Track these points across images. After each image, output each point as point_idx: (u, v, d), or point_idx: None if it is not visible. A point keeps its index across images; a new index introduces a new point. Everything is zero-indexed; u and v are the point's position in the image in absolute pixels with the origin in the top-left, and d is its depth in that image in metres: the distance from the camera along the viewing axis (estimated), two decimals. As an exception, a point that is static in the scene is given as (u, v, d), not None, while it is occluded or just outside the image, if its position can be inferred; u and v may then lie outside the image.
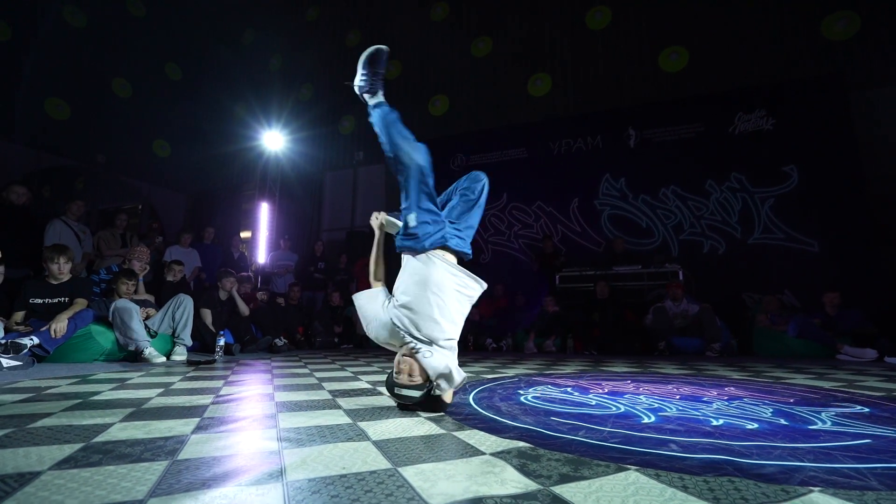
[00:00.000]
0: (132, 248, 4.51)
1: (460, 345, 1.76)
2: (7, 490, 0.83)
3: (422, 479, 0.93)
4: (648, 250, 6.79)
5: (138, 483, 0.88)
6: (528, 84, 8.13)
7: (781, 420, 1.52)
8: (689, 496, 0.84)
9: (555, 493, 0.86)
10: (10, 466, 0.96)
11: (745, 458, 1.07)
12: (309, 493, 0.84)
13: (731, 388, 2.33)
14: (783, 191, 6.19)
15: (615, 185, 7.27)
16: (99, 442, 1.18)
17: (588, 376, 2.86)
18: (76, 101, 8.06)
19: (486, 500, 0.82)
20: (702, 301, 5.37)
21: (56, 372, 2.72)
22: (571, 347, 5.42)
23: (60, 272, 3.51)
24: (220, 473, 0.95)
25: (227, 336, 4.52)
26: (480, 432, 1.34)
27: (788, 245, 6.03)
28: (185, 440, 1.22)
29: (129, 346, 3.49)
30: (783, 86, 6.39)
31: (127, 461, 1.02)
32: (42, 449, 1.10)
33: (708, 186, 6.65)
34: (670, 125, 7.02)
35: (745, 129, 6.54)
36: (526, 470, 0.99)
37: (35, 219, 4.76)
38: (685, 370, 3.29)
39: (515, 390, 2.20)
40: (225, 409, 1.69)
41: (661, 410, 1.69)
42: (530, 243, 7.63)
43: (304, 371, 3.08)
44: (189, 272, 5.76)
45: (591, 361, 4.12)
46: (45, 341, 3.05)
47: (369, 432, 1.33)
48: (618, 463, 1.04)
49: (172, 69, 10.07)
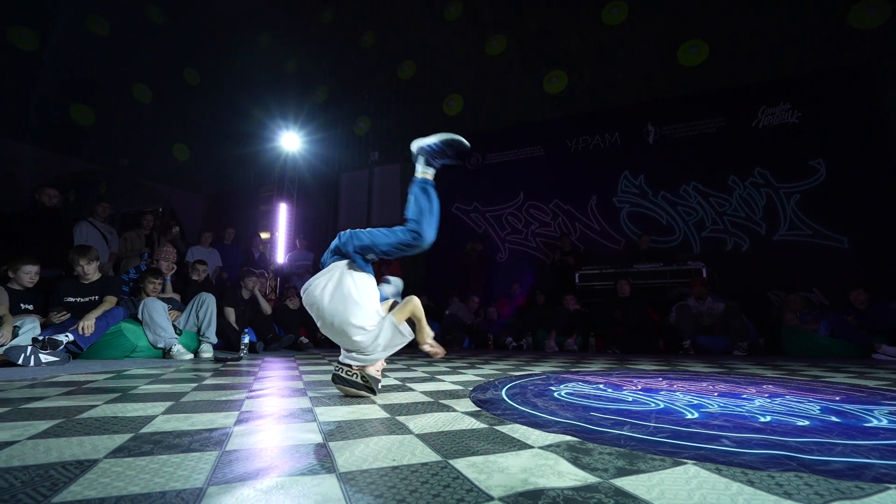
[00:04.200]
0: (159, 249, 4.59)
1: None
2: (70, 476, 0.84)
3: (475, 471, 0.91)
4: (669, 248, 6.68)
5: (194, 472, 0.88)
6: (544, 81, 8.07)
7: (832, 417, 1.47)
8: (757, 491, 0.81)
9: (616, 485, 0.83)
10: (68, 454, 0.97)
11: (805, 454, 1.03)
12: (365, 484, 0.83)
13: (768, 385, 2.26)
14: (810, 186, 6.03)
15: (634, 182, 7.17)
16: (147, 432, 1.19)
17: (617, 373, 2.81)
18: (100, 106, 8.25)
19: (548, 492, 0.80)
20: (727, 299, 5.26)
21: (91, 367, 2.78)
22: (593, 346, 5.35)
23: (86, 273, 3.58)
24: (270, 464, 0.95)
25: (251, 334, 4.56)
26: (522, 426, 1.32)
27: (817, 242, 5.88)
28: (229, 432, 1.22)
29: (158, 344, 3.55)
30: (809, 78, 6.23)
31: (178, 451, 1.02)
32: (94, 438, 1.11)
33: (731, 182, 6.52)
34: (691, 120, 6.90)
35: (769, 123, 6.40)
36: (580, 463, 0.97)
37: (65, 220, 4.89)
38: (716, 368, 3.22)
39: (547, 387, 2.17)
40: (261, 402, 1.70)
41: (702, 407, 1.65)
42: (548, 241, 7.57)
43: (330, 368, 3.09)
44: (211, 272, 5.84)
45: (616, 360, 4.06)
46: (79, 338, 3.11)
47: (410, 426, 1.32)
48: (673, 457, 1.01)
49: (191, 74, 10.26)
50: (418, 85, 9.18)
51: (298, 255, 8.00)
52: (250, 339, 4.38)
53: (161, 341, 3.57)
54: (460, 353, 5.15)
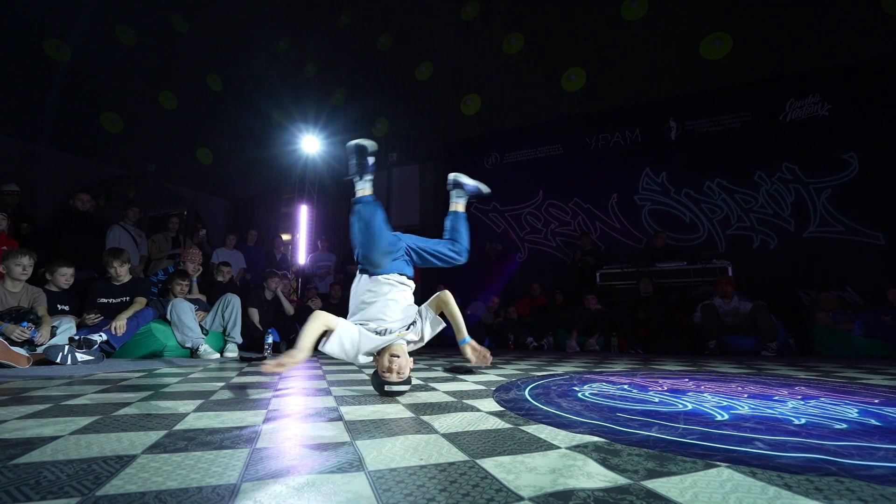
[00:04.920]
0: (186, 251, 4.72)
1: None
2: (111, 470, 0.87)
3: (503, 471, 0.91)
4: (693, 246, 6.53)
5: (227, 468, 0.90)
6: (562, 79, 7.98)
7: (872, 421, 1.41)
8: (795, 495, 0.79)
9: (647, 487, 0.82)
10: (108, 449, 1.01)
11: (845, 459, 1.00)
12: (394, 483, 0.84)
13: (801, 387, 2.19)
14: (842, 180, 5.82)
15: (656, 179, 7.03)
16: (180, 429, 1.22)
17: (642, 374, 2.77)
18: (128, 114, 8.53)
19: (578, 493, 0.79)
20: (754, 298, 5.11)
21: (123, 366, 2.88)
22: (616, 346, 5.28)
23: (119, 274, 3.70)
24: (300, 461, 0.97)
25: (274, 334, 4.65)
26: (547, 427, 1.31)
27: (849, 238, 5.66)
28: (258, 430, 1.25)
29: (186, 343, 3.65)
30: (839, 68, 6.00)
31: (210, 448, 1.05)
32: (131, 434, 1.15)
33: (757, 178, 6.34)
34: (714, 115, 6.73)
35: (797, 117, 6.19)
36: (609, 464, 0.95)
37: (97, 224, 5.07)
38: (744, 369, 3.14)
39: (570, 387, 2.15)
40: (287, 401, 1.73)
41: (732, 409, 1.61)
42: (567, 241, 7.49)
43: (353, 368, 3.12)
44: (234, 273, 5.97)
45: (640, 360, 3.99)
46: (112, 338, 3.23)
47: (435, 425, 1.32)
48: (705, 460, 0.99)
49: (214, 80, 10.50)
50: (436, 86, 9.20)
51: (320, 257, 8.11)
52: (274, 339, 4.46)
53: (189, 341, 3.67)
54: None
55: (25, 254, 3.20)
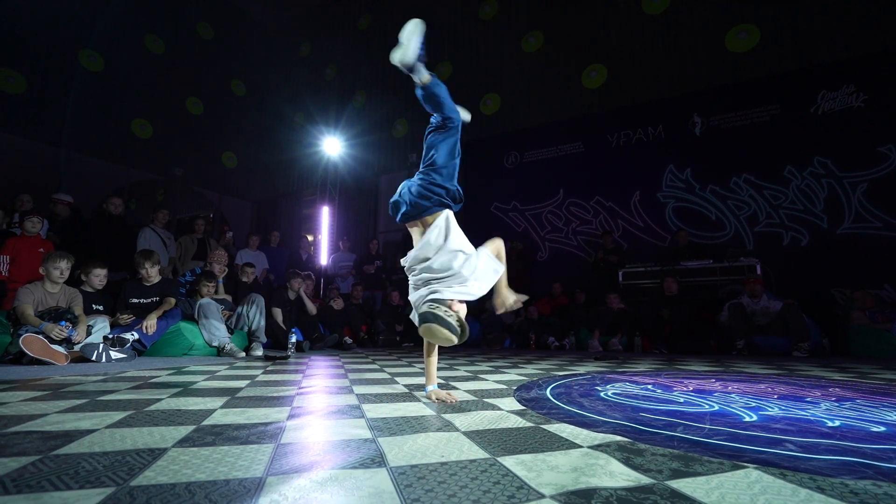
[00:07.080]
0: (212, 252, 4.85)
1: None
2: (144, 462, 0.91)
3: (525, 469, 0.91)
4: (720, 244, 6.34)
5: (253, 462, 0.93)
6: (583, 76, 7.88)
7: (912, 423, 1.35)
8: (829, 499, 0.76)
9: (672, 487, 0.81)
10: (141, 443, 1.05)
11: (883, 462, 0.96)
12: (415, 479, 0.85)
13: (835, 388, 2.11)
14: (879, 174, 5.56)
15: (680, 176, 6.87)
16: (208, 425, 1.26)
17: (666, 374, 2.71)
18: (157, 120, 8.83)
19: (600, 492, 0.78)
20: (784, 297, 4.94)
21: (154, 364, 2.98)
22: (639, 346, 5.18)
23: (149, 275, 3.84)
24: (323, 457, 0.99)
25: (297, 334, 4.73)
26: (569, 426, 1.30)
27: (888, 234, 5.41)
28: (282, 426, 1.27)
29: (212, 342, 3.76)
30: (875, 57, 5.74)
31: (237, 443, 1.08)
32: (161, 429, 1.19)
33: (787, 173, 6.11)
34: (741, 109, 6.52)
35: (830, 109, 5.95)
36: (632, 464, 0.94)
37: (128, 226, 5.26)
38: (774, 370, 3.04)
39: (592, 386, 2.12)
40: (310, 399, 1.77)
41: (761, 409, 1.56)
42: (589, 239, 7.39)
43: (374, 367, 3.16)
44: (258, 274, 6.11)
45: (664, 360, 3.91)
46: (143, 337, 3.34)
47: (456, 423, 1.33)
48: (732, 461, 0.97)
49: (237, 85, 10.79)
50: (455, 85, 9.04)
51: (341, 257, 8.21)
52: (297, 339, 4.54)
53: (215, 340, 3.77)
54: (502, 352, 5.12)
55: (63, 257, 3.34)
